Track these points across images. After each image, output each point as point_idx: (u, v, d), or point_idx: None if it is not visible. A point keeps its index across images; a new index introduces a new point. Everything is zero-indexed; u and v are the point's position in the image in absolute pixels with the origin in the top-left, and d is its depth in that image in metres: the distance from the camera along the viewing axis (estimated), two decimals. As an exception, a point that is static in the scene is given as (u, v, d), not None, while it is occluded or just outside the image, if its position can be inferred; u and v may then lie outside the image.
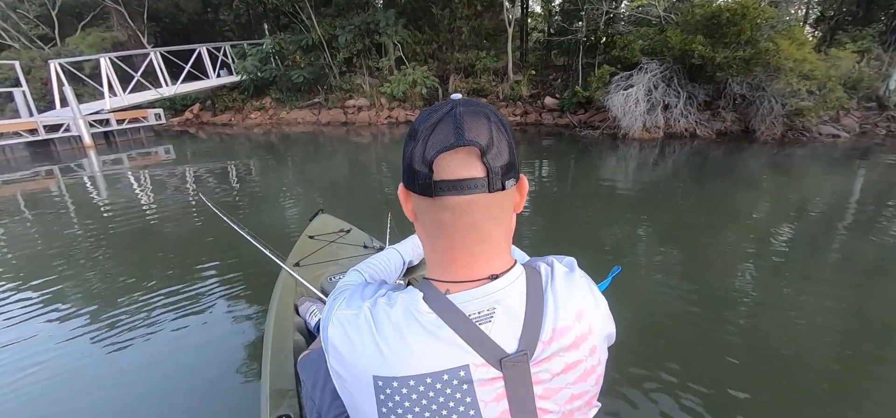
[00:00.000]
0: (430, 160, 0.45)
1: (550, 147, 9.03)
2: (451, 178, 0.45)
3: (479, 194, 0.46)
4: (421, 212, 0.51)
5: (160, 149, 10.31)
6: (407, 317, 0.48)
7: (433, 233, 0.51)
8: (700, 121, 8.82)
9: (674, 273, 3.11)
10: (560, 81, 12.45)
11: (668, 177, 6.27)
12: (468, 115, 0.46)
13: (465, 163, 0.45)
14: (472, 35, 12.83)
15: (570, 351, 0.51)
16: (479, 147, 0.44)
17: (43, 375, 2.18)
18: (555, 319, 0.50)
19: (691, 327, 2.43)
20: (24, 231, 4.54)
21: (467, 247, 0.49)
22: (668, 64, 8.84)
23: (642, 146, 8.30)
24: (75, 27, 16.68)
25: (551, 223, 4.36)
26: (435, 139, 0.45)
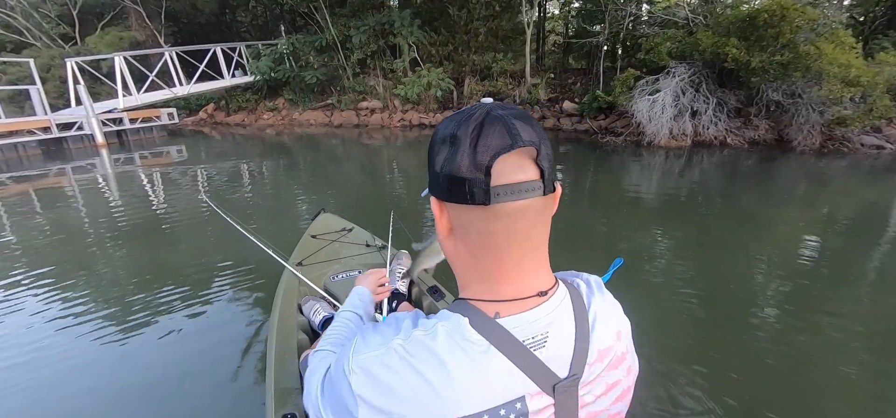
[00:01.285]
0: (487, 165, 0.41)
1: (569, 153, 8.67)
2: (509, 182, 0.42)
3: (535, 198, 0.43)
4: (465, 224, 0.46)
5: (173, 149, 10.29)
6: (453, 348, 0.43)
7: (479, 245, 0.46)
8: (731, 129, 8.30)
9: (699, 288, 2.93)
10: (579, 85, 12.01)
11: (696, 187, 5.91)
12: (515, 117, 0.43)
13: (522, 165, 0.43)
14: (489, 36, 12.47)
15: (610, 372, 0.50)
16: (536, 147, 0.42)
17: (49, 370, 2.20)
18: (600, 340, 0.49)
19: (714, 345, 2.28)
20: (33, 229, 4.54)
21: (518, 257, 0.45)
22: (697, 68, 8.35)
23: (668, 154, 7.86)
24: (96, 27, 16.90)
25: (568, 232, 4.19)
26: (487, 142, 0.42)
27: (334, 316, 0.81)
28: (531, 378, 0.45)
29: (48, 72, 15.12)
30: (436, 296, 1.69)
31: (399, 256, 1.95)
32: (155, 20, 16.66)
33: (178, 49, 12.94)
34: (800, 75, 7.27)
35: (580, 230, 4.31)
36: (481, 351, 0.43)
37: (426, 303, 1.70)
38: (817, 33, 7.23)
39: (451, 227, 0.48)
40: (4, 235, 4.34)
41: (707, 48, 7.61)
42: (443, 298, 1.68)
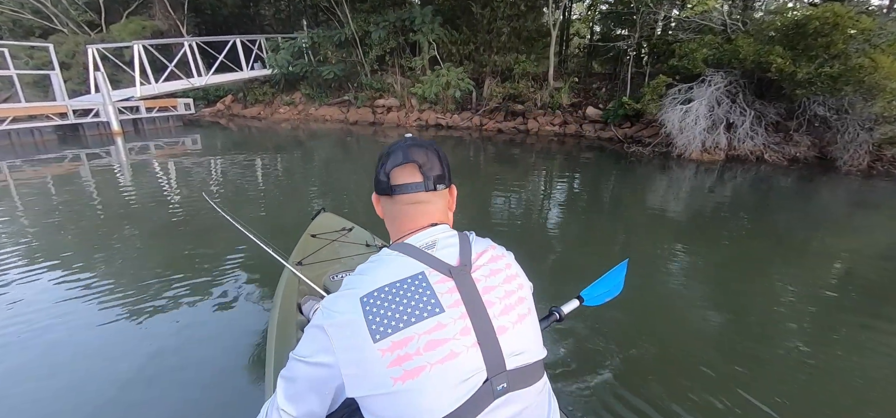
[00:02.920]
0: (389, 172, 0.76)
1: (590, 161, 8.24)
2: (400, 183, 0.76)
3: (421, 192, 0.76)
4: (386, 207, 0.81)
5: (187, 140, 10.26)
6: (378, 260, 0.73)
7: (395, 218, 0.79)
8: (769, 145, 7.72)
9: (721, 312, 2.80)
10: (604, 91, 11.50)
11: (727, 205, 5.48)
12: (414, 146, 0.77)
13: (410, 173, 0.76)
14: (512, 37, 12.04)
15: (492, 263, 0.74)
16: (418, 163, 0.75)
17: (49, 355, 2.24)
18: (477, 248, 0.75)
19: (736, 375, 2.16)
20: (42, 214, 4.59)
21: (414, 217, 0.78)
22: (734, 77, 7.80)
23: (699, 168, 7.34)
24: (121, 15, 17.09)
25: (585, 242, 4.12)
26: (391, 160, 0.76)
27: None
28: (427, 265, 0.70)
29: (72, 58, 15.35)
30: None
31: None
32: (178, 11, 16.74)
33: (198, 39, 12.92)
34: (851, 89, 6.68)
35: (597, 241, 4.17)
36: (393, 256, 0.72)
37: None
38: (872, 44, 6.62)
39: (381, 208, 0.83)
40: (16, 219, 4.41)
41: (748, 56, 7.06)
42: None
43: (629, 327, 2.53)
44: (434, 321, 0.63)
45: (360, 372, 0.62)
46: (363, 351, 0.61)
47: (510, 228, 4.48)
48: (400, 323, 0.62)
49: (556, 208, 5.41)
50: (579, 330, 2.46)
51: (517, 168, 7.61)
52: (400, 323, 0.62)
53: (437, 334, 0.62)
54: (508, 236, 4.16)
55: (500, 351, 0.65)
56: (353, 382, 0.62)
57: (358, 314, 0.63)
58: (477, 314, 0.65)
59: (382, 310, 0.63)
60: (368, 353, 0.61)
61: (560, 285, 3.19)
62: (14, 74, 9.50)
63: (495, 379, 0.64)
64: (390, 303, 0.63)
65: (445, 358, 0.61)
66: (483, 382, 0.63)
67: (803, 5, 7.09)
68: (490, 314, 0.66)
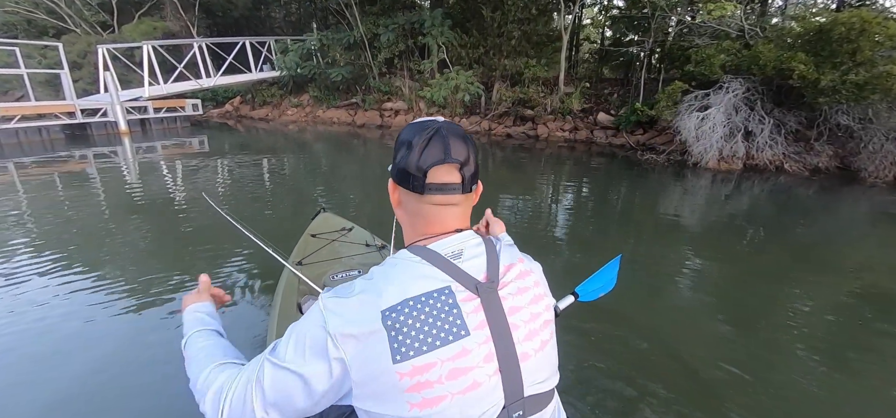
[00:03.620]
0: (425, 169, 0.64)
1: (601, 168, 8.04)
2: (437, 182, 0.65)
3: (455, 195, 0.66)
4: (407, 202, 0.69)
5: (194, 140, 10.24)
6: (397, 266, 0.63)
7: (417, 217, 0.69)
8: (789, 154, 7.44)
9: (738, 327, 2.66)
10: (616, 96, 11.27)
11: (744, 215, 5.32)
12: (454, 139, 0.65)
13: (449, 172, 0.65)
14: (523, 41, 11.87)
15: (519, 281, 0.68)
16: (461, 163, 0.65)
17: (49, 346, 2.29)
18: (505, 260, 0.68)
19: (748, 391, 2.07)
20: (45, 213, 4.62)
21: (441, 219, 0.68)
22: (752, 84, 7.55)
23: (715, 178, 7.09)
24: (134, 16, 17.24)
25: (593, 250, 3.99)
26: (428, 154, 0.63)
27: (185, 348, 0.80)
28: (454, 278, 0.62)
29: (84, 58, 15.47)
30: None
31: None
32: (189, 12, 16.85)
33: (208, 40, 12.93)
34: (877, 98, 6.40)
35: (607, 248, 4.05)
36: (415, 263, 0.63)
37: None
38: (902, 51, 6.35)
39: (399, 200, 0.71)
40: (21, 218, 4.44)
41: (769, 63, 6.82)
42: None
43: (637, 337, 2.44)
44: (459, 346, 0.59)
45: (372, 390, 0.58)
46: (380, 370, 0.57)
47: (518, 233, 4.29)
48: (423, 345, 0.57)
49: (565, 214, 5.26)
50: (588, 339, 2.37)
51: (526, 173, 7.46)
52: (423, 345, 0.57)
53: (460, 361, 0.58)
54: (516, 241, 4.02)
55: (520, 380, 0.63)
56: (363, 396, 0.58)
57: (379, 329, 0.57)
58: (501, 338, 0.62)
59: (405, 329, 0.57)
60: (385, 373, 0.57)
61: (566, 291, 3.01)
62: (25, 73, 9.54)
63: (512, 406, 0.62)
64: (415, 321, 0.58)
65: (467, 389, 0.58)
66: (500, 410, 0.61)
67: (827, 11, 6.82)
68: (514, 338, 0.63)
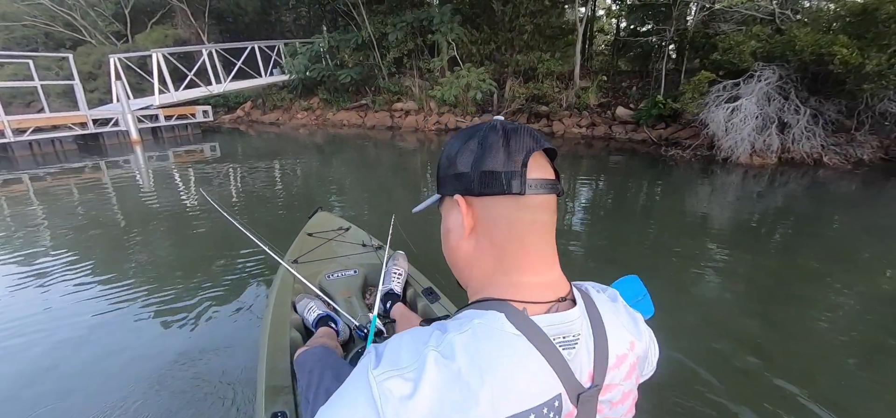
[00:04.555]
0: (523, 159, 0.45)
1: (620, 165, 7.66)
2: (541, 177, 0.47)
3: (554, 195, 0.48)
4: (494, 216, 0.48)
5: (206, 147, 10.24)
6: (497, 340, 0.42)
7: (506, 236, 0.47)
8: (828, 146, 6.89)
9: (772, 331, 2.49)
10: (635, 89, 10.77)
11: (779, 213, 4.97)
12: (530, 129, 0.48)
13: (545, 166, 0.48)
14: (535, 35, 11.45)
15: (626, 381, 0.51)
16: (552, 153, 0.49)
17: (50, 340, 2.43)
18: (617, 346, 0.50)
19: (783, 399, 1.94)
20: (59, 219, 4.80)
21: (542, 246, 0.48)
22: (786, 71, 7.01)
23: (747, 173, 6.61)
24: (146, 25, 17.44)
25: (613, 253, 3.78)
26: (519, 142, 0.46)
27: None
28: (564, 382, 0.44)
29: (99, 68, 15.68)
30: (430, 298, 1.68)
31: (395, 257, 1.91)
32: (199, 19, 16.93)
33: (217, 46, 12.91)
34: (931, 82, 5.83)
35: (628, 253, 3.78)
36: (521, 346, 0.42)
37: (421, 304, 1.70)
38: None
39: (473, 225, 0.49)
40: (36, 227, 4.59)
41: (806, 48, 6.29)
42: (438, 300, 1.66)
43: (665, 346, 2.21)
44: None
45: None
46: None
47: None
48: None
49: (583, 215, 4.99)
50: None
51: None
52: None
53: None
54: None
55: None
56: None
57: None
58: None
59: None
60: None
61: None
62: (38, 85, 9.62)
63: None
64: None
65: None
66: None
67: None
68: None
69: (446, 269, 0.55)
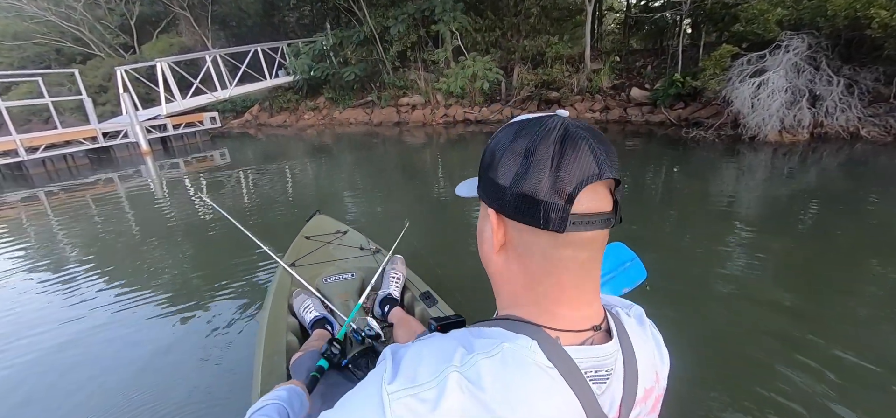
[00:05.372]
0: (571, 192, 0.38)
1: (637, 148, 7.35)
2: (588, 212, 0.39)
3: (603, 230, 0.42)
4: (528, 245, 0.42)
5: (215, 153, 10.25)
6: (527, 371, 0.39)
7: (541, 270, 0.42)
8: (865, 118, 6.40)
9: (805, 319, 2.31)
10: (650, 69, 10.28)
11: (812, 192, 4.65)
12: (597, 140, 0.39)
13: (601, 196, 0.40)
14: (542, 18, 11.02)
15: (651, 415, 0.48)
16: (617, 179, 0.40)
17: (52, 340, 2.61)
18: (645, 378, 0.46)
19: (816, 391, 1.81)
20: (69, 236, 4.92)
21: (579, 284, 0.43)
22: (817, 39, 6.51)
23: (777, 151, 6.20)
24: (152, 35, 17.52)
25: (632, 240, 3.32)
26: (573, 167, 0.38)
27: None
28: (589, 416, 0.41)
29: (109, 81, 15.83)
30: (428, 302, 1.68)
31: (393, 261, 1.91)
32: (203, 25, 16.92)
33: (221, 51, 12.85)
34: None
35: (648, 239, 3.56)
36: (552, 380, 0.40)
37: (418, 309, 1.69)
38: None
39: (504, 243, 0.44)
40: (47, 242, 4.71)
41: (839, 12, 5.79)
42: (435, 304, 1.66)
43: (690, 335, 2.22)
44: None
45: None
46: None
47: None
48: None
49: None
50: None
51: None
52: None
53: None
54: None
55: None
56: None
57: None
58: None
59: None
60: None
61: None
62: (49, 101, 9.70)
63: None
64: None
65: None
66: None
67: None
68: None
69: (446, 274, 0.60)
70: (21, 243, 4.68)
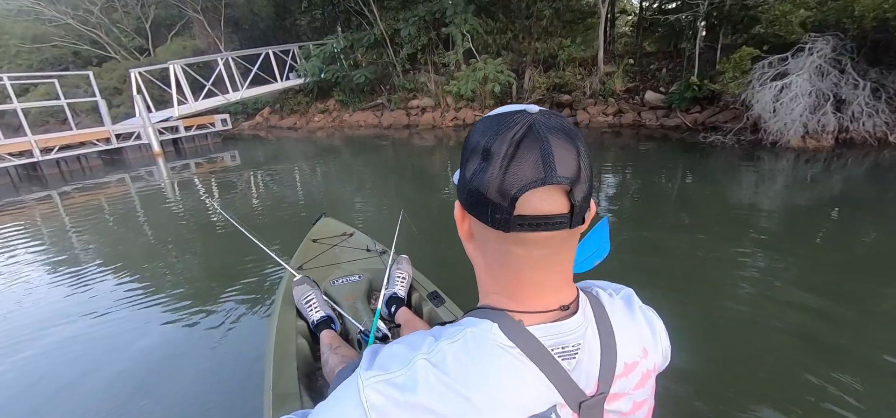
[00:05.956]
0: (514, 196, 0.38)
1: (651, 153, 7.19)
2: (534, 214, 0.39)
3: (562, 231, 0.41)
4: (484, 238, 0.44)
5: (226, 155, 10.31)
6: (485, 354, 0.41)
7: (497, 262, 0.44)
8: (894, 123, 6.14)
9: (831, 336, 2.20)
10: (665, 72, 10.07)
11: (836, 201, 4.44)
12: (557, 141, 0.38)
13: (551, 198, 0.39)
14: (554, 20, 10.87)
15: (637, 390, 0.48)
16: (570, 183, 0.39)
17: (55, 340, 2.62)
18: (626, 353, 0.47)
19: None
20: (75, 235, 5.00)
21: (538, 279, 0.43)
22: (843, 41, 6.28)
23: (799, 158, 5.97)
24: (167, 38, 17.77)
25: (641, 256, 3.39)
26: (518, 170, 0.38)
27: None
28: (559, 390, 0.42)
29: (124, 83, 16.08)
30: (436, 302, 1.68)
31: (399, 261, 1.87)
32: (216, 28, 17.09)
33: (233, 54, 12.95)
34: None
35: (662, 246, 3.47)
36: (514, 358, 0.41)
37: (426, 309, 1.70)
38: None
39: (471, 233, 0.46)
40: (60, 242, 4.77)
41: (867, 12, 5.57)
42: (443, 304, 1.66)
43: (706, 357, 2.08)
44: None
45: None
46: None
47: None
48: None
49: (613, 208, 4.66)
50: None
51: None
52: None
53: None
54: None
55: None
56: None
57: None
58: None
59: None
60: None
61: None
62: (64, 103, 9.84)
63: None
64: None
65: None
66: None
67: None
68: None
69: (451, 272, 0.47)
70: (34, 242, 4.74)
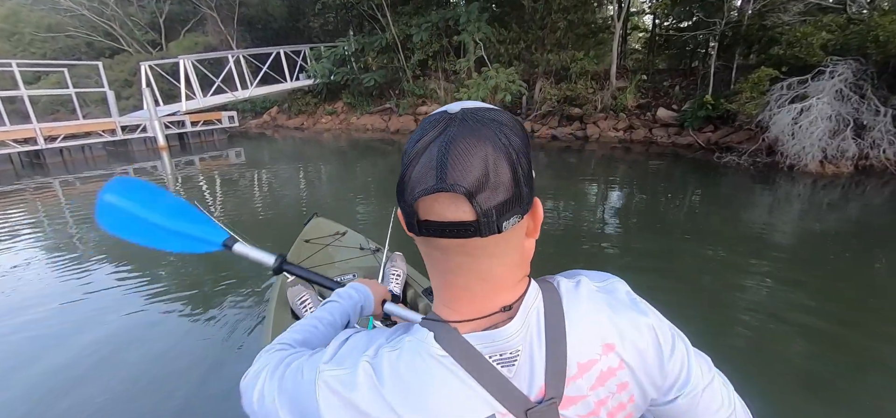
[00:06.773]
0: (411, 201, 0.38)
1: (662, 172, 7.02)
2: (436, 220, 0.38)
3: (474, 240, 0.38)
4: (418, 243, 0.43)
5: (231, 152, 10.24)
6: (416, 364, 0.41)
7: (428, 267, 0.44)
8: (916, 151, 5.96)
9: (843, 378, 2.10)
10: (678, 89, 9.93)
11: (855, 230, 4.34)
12: (463, 146, 0.36)
13: (453, 205, 0.37)
14: (568, 32, 10.78)
15: (597, 389, 0.44)
16: (467, 193, 0.36)
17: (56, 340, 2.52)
18: (579, 352, 0.43)
19: None
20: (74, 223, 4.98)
21: (464, 284, 0.42)
22: (864, 66, 6.12)
23: (816, 183, 5.79)
24: (180, 33, 17.87)
25: (654, 269, 3.36)
26: (414, 175, 0.38)
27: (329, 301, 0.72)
28: (499, 399, 0.41)
29: (134, 76, 16.15)
30: (431, 298, 1.67)
31: (393, 258, 1.85)
32: (229, 26, 17.16)
33: (244, 52, 12.95)
34: None
35: (673, 270, 3.35)
36: (446, 368, 0.41)
37: (422, 305, 1.69)
38: None
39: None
40: (60, 229, 4.77)
41: (893, 38, 5.42)
42: None
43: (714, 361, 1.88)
44: None
45: None
46: None
47: (564, 250, 3.79)
48: None
49: (620, 226, 4.58)
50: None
51: (573, 179, 6.69)
52: None
53: None
54: (559, 260, 3.56)
55: None
56: None
57: None
58: None
59: None
60: None
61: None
62: (73, 93, 9.83)
63: None
64: None
65: None
66: None
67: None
68: None
69: None
70: (32, 229, 4.72)
